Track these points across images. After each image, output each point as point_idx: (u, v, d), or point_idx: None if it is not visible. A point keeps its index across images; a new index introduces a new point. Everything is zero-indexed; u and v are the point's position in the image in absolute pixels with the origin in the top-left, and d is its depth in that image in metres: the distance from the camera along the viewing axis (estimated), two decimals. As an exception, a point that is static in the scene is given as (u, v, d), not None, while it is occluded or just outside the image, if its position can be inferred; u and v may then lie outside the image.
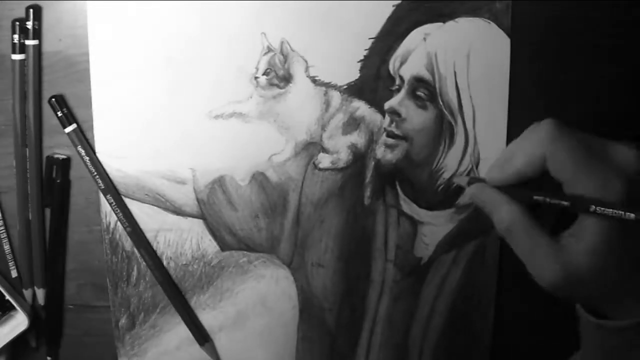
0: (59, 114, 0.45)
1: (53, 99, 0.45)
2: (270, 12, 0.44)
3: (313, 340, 0.49)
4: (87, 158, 0.45)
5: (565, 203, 0.33)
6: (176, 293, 0.48)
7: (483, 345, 0.48)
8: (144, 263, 0.47)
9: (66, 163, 0.47)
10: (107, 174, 0.46)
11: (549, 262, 0.34)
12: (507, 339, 0.48)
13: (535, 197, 0.35)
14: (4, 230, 0.48)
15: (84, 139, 0.46)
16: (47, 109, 0.46)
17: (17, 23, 0.44)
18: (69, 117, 0.45)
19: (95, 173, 0.46)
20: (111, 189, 0.46)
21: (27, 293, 0.49)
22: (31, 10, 0.44)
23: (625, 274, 0.34)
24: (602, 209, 0.32)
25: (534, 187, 0.36)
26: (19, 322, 0.48)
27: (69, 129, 0.45)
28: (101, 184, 0.46)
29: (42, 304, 0.49)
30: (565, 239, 0.35)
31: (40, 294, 0.49)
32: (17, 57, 0.44)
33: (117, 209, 0.46)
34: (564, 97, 0.44)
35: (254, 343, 0.49)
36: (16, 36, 0.44)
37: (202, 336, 0.48)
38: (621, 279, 0.34)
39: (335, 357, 0.49)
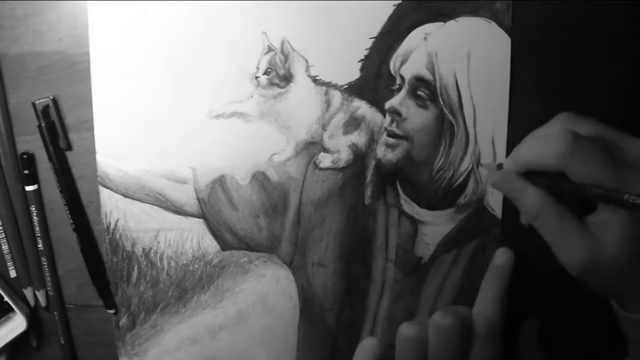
0: (26, 172, 0.47)
1: (25, 156, 0.47)
2: (271, 12, 0.44)
3: (313, 340, 0.49)
4: (37, 219, 0.48)
5: (598, 191, 0.34)
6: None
7: (483, 345, 0.48)
8: (144, 264, 0.47)
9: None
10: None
11: (579, 244, 0.35)
12: (507, 338, 0.48)
13: (562, 184, 0.36)
14: (2, 230, 0.48)
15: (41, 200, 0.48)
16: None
17: None
18: (34, 177, 0.47)
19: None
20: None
21: (28, 292, 0.49)
22: None
23: None
24: (635, 197, 0.32)
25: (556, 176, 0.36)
26: (17, 324, 0.48)
27: (29, 188, 0.47)
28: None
29: (44, 305, 0.49)
30: (591, 225, 0.35)
31: (41, 295, 0.49)
32: None
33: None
34: (565, 96, 0.44)
35: (254, 343, 0.49)
36: None
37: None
38: None
39: (335, 357, 0.49)
